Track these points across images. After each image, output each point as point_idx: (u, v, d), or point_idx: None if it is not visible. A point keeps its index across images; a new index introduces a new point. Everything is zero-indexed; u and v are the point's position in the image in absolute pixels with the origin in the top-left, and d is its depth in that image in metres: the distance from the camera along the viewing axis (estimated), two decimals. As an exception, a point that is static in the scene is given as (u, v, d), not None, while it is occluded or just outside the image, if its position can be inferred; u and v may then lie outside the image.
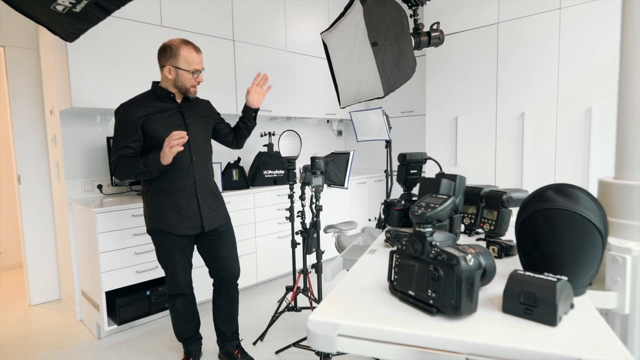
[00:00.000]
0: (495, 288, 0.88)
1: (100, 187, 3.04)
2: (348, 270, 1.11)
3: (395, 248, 0.89)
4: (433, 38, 2.76)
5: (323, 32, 2.84)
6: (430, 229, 0.82)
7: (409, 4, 2.74)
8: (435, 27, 2.78)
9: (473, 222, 1.34)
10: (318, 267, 2.34)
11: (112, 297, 2.61)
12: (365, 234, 2.46)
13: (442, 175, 1.31)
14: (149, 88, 2.06)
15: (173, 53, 1.93)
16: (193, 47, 1.97)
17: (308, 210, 2.40)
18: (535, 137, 3.05)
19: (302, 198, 2.47)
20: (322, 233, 2.48)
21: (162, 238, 2.04)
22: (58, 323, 2.92)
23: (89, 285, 2.76)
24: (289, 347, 2.43)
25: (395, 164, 1.57)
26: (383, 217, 1.55)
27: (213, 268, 2.19)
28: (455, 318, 0.76)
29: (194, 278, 2.23)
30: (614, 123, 1.05)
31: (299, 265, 2.72)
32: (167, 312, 2.85)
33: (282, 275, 3.72)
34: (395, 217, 1.44)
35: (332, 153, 2.66)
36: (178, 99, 2.04)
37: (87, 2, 1.54)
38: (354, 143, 4.91)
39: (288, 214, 2.66)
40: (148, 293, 2.73)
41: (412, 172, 1.52)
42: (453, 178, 1.28)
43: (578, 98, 2.82)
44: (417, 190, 1.47)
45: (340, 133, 5.05)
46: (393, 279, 0.88)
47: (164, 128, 1.94)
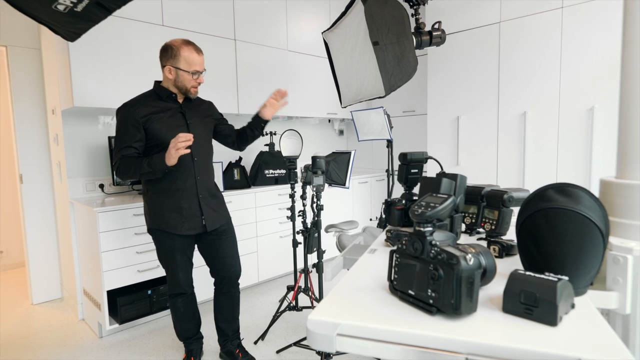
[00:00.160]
0: (496, 288, 0.88)
1: (102, 186, 3.05)
2: (348, 270, 1.11)
3: (395, 247, 0.89)
4: (434, 37, 2.76)
5: (324, 31, 2.84)
6: (430, 229, 0.81)
7: (411, 3, 2.73)
8: (437, 26, 2.78)
9: (474, 221, 1.34)
10: (319, 266, 2.35)
11: (113, 296, 2.62)
12: (366, 234, 2.46)
13: (442, 175, 1.31)
14: (151, 87, 2.05)
15: (173, 53, 1.91)
16: (194, 48, 1.95)
17: (309, 210, 2.40)
18: (537, 136, 3.04)
19: (303, 197, 2.47)
20: (323, 232, 2.48)
21: (162, 238, 2.04)
22: (60, 322, 2.93)
23: (91, 285, 2.76)
24: (290, 346, 2.44)
25: (397, 164, 1.57)
26: (384, 216, 1.55)
27: (214, 267, 2.19)
28: (455, 318, 0.76)
29: (195, 277, 2.23)
30: (616, 122, 1.05)
31: (300, 265, 2.72)
32: (168, 311, 2.86)
33: (283, 275, 3.72)
34: (396, 216, 1.44)
35: (333, 152, 2.66)
36: (180, 99, 2.03)
37: (88, 1, 1.55)
38: (356, 142, 4.91)
39: (289, 214, 2.66)
40: (149, 292, 2.73)
41: (413, 171, 1.52)
42: (454, 177, 1.28)
43: (580, 97, 2.81)
44: (418, 190, 1.47)
45: (342, 132, 5.05)
46: (393, 279, 0.88)
47: (165, 128, 1.94)
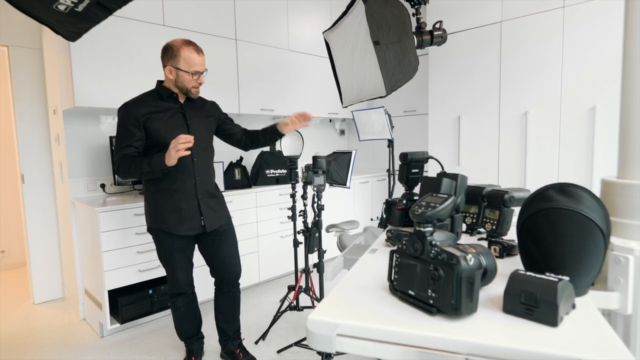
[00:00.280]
0: (496, 288, 0.88)
1: (103, 186, 3.05)
2: (349, 270, 1.11)
3: (396, 247, 0.89)
4: (436, 37, 2.76)
5: (325, 31, 2.84)
6: (431, 229, 0.81)
7: (412, 3, 2.73)
8: (438, 25, 2.78)
9: (475, 221, 1.33)
10: (320, 266, 2.34)
11: (114, 296, 2.62)
12: (367, 234, 2.45)
13: (443, 175, 1.30)
14: (152, 87, 2.05)
15: (174, 54, 1.90)
16: (195, 48, 1.93)
17: (310, 210, 2.39)
18: (539, 136, 3.04)
19: (304, 197, 2.47)
20: (324, 232, 2.48)
21: (161, 237, 2.04)
22: (61, 322, 2.93)
23: (92, 284, 2.77)
24: (291, 346, 2.43)
25: (398, 163, 1.57)
26: (385, 216, 1.55)
27: (214, 268, 2.19)
28: (455, 318, 0.75)
29: (196, 277, 2.23)
30: (618, 122, 1.04)
31: (301, 265, 2.72)
32: (169, 311, 2.86)
33: (284, 275, 3.72)
34: (397, 216, 1.44)
35: (334, 152, 2.66)
36: (181, 99, 2.03)
37: (89, 1, 1.55)
38: (357, 142, 4.90)
39: (290, 213, 2.66)
40: (150, 292, 2.74)
41: (413, 171, 1.51)
42: (454, 177, 1.27)
43: (582, 97, 2.81)
44: (418, 190, 1.46)
45: (343, 132, 5.05)
46: (393, 279, 0.88)
47: (165, 128, 1.94)
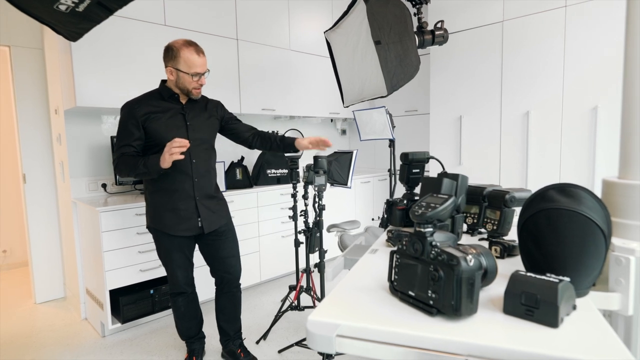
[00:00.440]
0: (497, 289, 0.87)
1: (105, 186, 3.06)
2: (349, 270, 1.10)
3: (396, 248, 0.88)
4: (437, 36, 2.75)
5: (326, 30, 2.83)
6: (431, 229, 0.81)
7: (413, 3, 2.73)
8: (440, 25, 2.77)
9: (476, 221, 1.33)
10: (321, 266, 2.34)
11: (116, 295, 2.62)
12: (368, 234, 2.45)
13: (444, 175, 1.30)
14: (153, 87, 2.05)
15: (174, 54, 1.89)
16: (195, 49, 1.90)
17: (311, 210, 2.40)
18: (540, 136, 3.03)
19: (305, 197, 2.47)
20: (325, 232, 2.48)
21: (160, 236, 2.05)
22: (63, 321, 2.94)
23: (93, 284, 2.77)
24: (292, 346, 2.43)
25: (399, 163, 1.57)
26: (386, 216, 1.55)
27: (214, 268, 2.19)
28: (456, 319, 0.75)
29: (197, 277, 2.23)
30: (620, 122, 1.04)
31: (302, 265, 2.72)
32: (170, 310, 2.86)
33: (285, 274, 3.72)
34: (398, 216, 1.44)
35: (335, 152, 2.66)
36: (183, 100, 2.02)
37: (89, 1, 1.55)
38: (358, 142, 4.90)
39: (291, 213, 2.66)
40: (151, 292, 2.74)
41: (414, 171, 1.51)
42: (455, 177, 1.27)
43: (584, 97, 2.80)
44: (419, 190, 1.46)
45: (344, 132, 5.05)
46: (393, 279, 0.88)
47: (165, 128, 1.94)
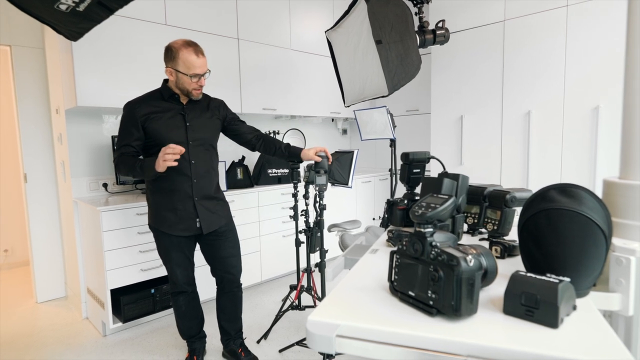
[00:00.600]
0: (497, 289, 0.87)
1: (106, 185, 3.06)
2: (350, 270, 1.10)
3: (396, 248, 0.88)
4: (438, 36, 2.75)
5: (328, 30, 2.83)
6: (431, 229, 0.81)
7: (414, 2, 2.72)
8: (441, 25, 2.77)
9: (476, 221, 1.33)
10: (322, 266, 2.34)
11: (117, 295, 2.63)
12: (369, 233, 2.45)
13: (444, 175, 1.30)
14: (154, 87, 2.05)
15: (173, 55, 1.88)
16: (194, 50, 1.87)
17: (312, 209, 2.40)
18: (541, 136, 3.02)
19: (306, 197, 2.47)
20: (325, 232, 2.48)
21: (160, 235, 2.06)
22: (64, 320, 2.95)
23: (95, 283, 2.77)
24: (293, 345, 2.43)
25: (400, 163, 1.56)
26: (386, 216, 1.55)
27: (215, 268, 2.19)
28: (455, 319, 0.75)
29: (198, 276, 2.24)
30: (621, 122, 1.04)
31: (303, 264, 2.72)
32: (171, 310, 2.87)
33: (286, 274, 3.73)
34: (398, 216, 1.44)
35: (336, 152, 2.65)
36: (183, 100, 2.01)
37: (90, 1, 1.55)
38: (359, 142, 4.90)
39: (292, 213, 2.66)
40: (152, 291, 2.74)
41: (415, 171, 1.51)
42: (455, 177, 1.27)
43: (585, 96, 2.79)
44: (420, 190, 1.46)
45: (345, 132, 5.04)
46: (393, 280, 0.88)
47: (164, 128, 1.94)
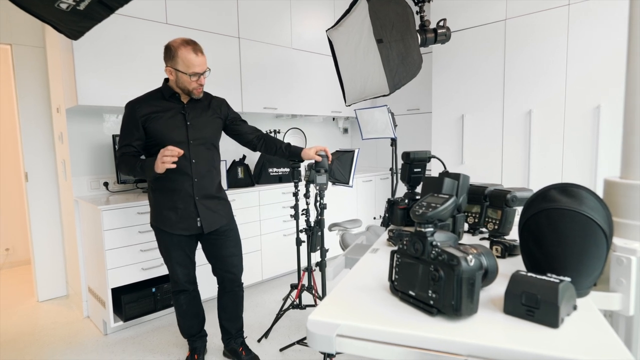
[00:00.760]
0: (498, 289, 0.87)
1: (107, 184, 3.06)
2: (350, 269, 1.10)
3: (397, 248, 0.88)
4: (439, 35, 2.74)
5: (329, 29, 2.83)
6: (431, 229, 0.81)
7: (415, 1, 2.71)
8: (442, 23, 2.76)
9: (477, 221, 1.33)
10: (322, 265, 2.34)
11: (118, 293, 2.63)
12: (370, 232, 2.45)
13: (445, 174, 1.30)
14: (154, 86, 2.05)
15: (172, 54, 1.86)
16: (193, 48, 1.85)
17: (313, 208, 2.40)
18: (543, 135, 3.02)
19: (306, 196, 2.47)
20: (326, 231, 2.48)
21: (161, 234, 2.06)
22: (65, 319, 2.95)
23: (96, 282, 2.78)
24: (294, 344, 2.44)
25: (401, 162, 1.56)
26: (387, 215, 1.55)
27: (216, 267, 2.19)
28: (456, 319, 0.75)
29: (199, 275, 2.24)
30: (622, 122, 1.03)
31: (304, 263, 2.72)
32: (172, 308, 2.87)
33: (286, 273, 3.73)
34: (399, 215, 1.44)
35: (337, 151, 2.65)
36: (184, 99, 2.01)
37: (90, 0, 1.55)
38: (360, 141, 4.90)
39: (293, 212, 2.66)
40: (153, 290, 2.75)
41: (415, 170, 1.51)
42: (456, 177, 1.27)
43: (586, 95, 2.79)
44: (421, 189, 1.46)
45: (346, 131, 5.04)
46: (394, 279, 0.88)
47: (164, 128, 1.94)
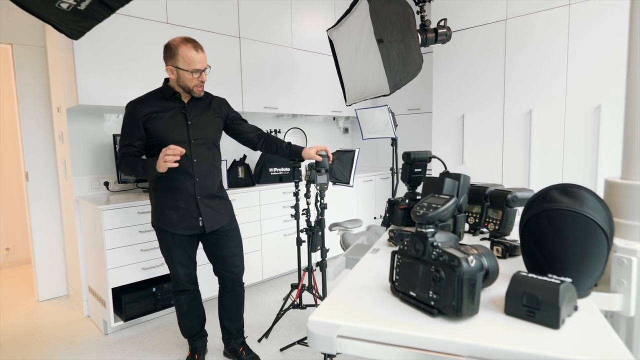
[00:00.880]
0: (498, 289, 0.87)
1: (107, 184, 3.06)
2: (351, 270, 1.10)
3: (397, 248, 0.88)
4: (440, 35, 2.74)
5: (329, 29, 2.82)
6: (432, 230, 0.81)
7: (416, 1, 2.71)
8: (443, 23, 2.76)
9: (478, 221, 1.33)
10: (323, 264, 2.35)
11: (118, 293, 2.63)
12: (370, 232, 2.45)
13: (446, 175, 1.30)
14: (155, 86, 2.05)
15: (172, 53, 1.87)
16: (193, 45, 1.87)
17: (313, 208, 2.40)
18: (543, 135, 3.02)
19: (307, 196, 2.47)
20: (327, 231, 2.48)
21: (162, 234, 2.06)
22: (66, 319, 2.95)
23: (96, 282, 2.78)
24: (294, 344, 2.44)
25: (401, 162, 1.56)
26: (387, 215, 1.54)
27: (217, 267, 2.19)
28: (457, 320, 0.75)
29: (200, 275, 2.24)
30: (622, 122, 1.03)
31: (304, 263, 2.72)
32: (172, 308, 2.87)
33: (287, 273, 3.73)
34: (399, 216, 1.44)
35: (337, 151, 2.65)
36: (185, 99, 2.01)
37: None
38: (360, 141, 4.90)
39: (293, 212, 2.66)
40: (154, 290, 2.75)
41: (416, 170, 1.51)
42: (457, 177, 1.27)
43: (587, 95, 2.78)
44: (421, 189, 1.46)
45: (347, 130, 5.04)
46: (394, 280, 0.88)
47: (165, 128, 1.94)
